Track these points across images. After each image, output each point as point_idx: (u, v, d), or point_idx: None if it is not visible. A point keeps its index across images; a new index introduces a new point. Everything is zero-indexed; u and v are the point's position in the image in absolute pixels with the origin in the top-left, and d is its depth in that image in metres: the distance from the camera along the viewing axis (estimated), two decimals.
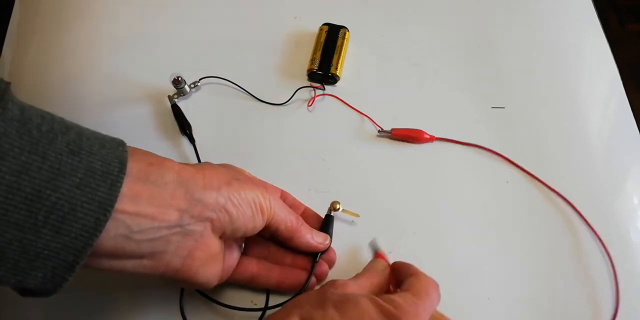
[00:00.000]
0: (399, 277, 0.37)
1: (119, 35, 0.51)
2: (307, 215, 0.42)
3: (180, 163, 0.33)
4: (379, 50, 0.52)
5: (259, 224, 0.35)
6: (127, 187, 0.28)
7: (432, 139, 0.47)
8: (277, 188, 0.41)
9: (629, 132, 0.50)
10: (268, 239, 0.40)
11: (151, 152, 0.32)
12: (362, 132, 0.48)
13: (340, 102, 0.49)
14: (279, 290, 0.40)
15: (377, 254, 0.41)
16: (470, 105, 0.49)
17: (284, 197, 0.41)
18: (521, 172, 0.46)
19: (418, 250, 0.42)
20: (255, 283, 0.39)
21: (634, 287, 0.42)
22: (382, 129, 0.47)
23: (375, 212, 0.44)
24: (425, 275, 0.36)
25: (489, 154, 0.47)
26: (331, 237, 0.40)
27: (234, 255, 0.38)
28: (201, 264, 0.33)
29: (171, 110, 0.47)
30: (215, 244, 0.33)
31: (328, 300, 0.31)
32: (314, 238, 0.39)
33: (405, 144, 0.47)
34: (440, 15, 0.54)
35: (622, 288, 0.42)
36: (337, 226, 0.43)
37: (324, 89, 0.49)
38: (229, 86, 0.49)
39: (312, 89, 0.49)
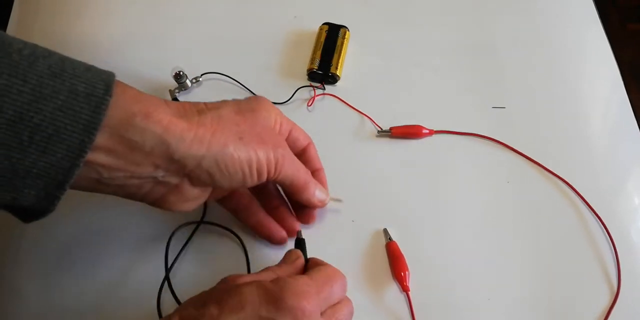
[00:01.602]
0: (309, 268, 0.36)
1: (119, 34, 0.51)
2: (307, 151, 0.41)
3: (176, 111, 0.31)
4: (379, 50, 0.52)
5: (252, 182, 0.34)
6: (103, 139, 0.28)
7: (431, 133, 0.47)
8: (288, 124, 0.39)
9: (630, 132, 0.50)
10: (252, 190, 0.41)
11: (144, 95, 0.30)
12: (362, 132, 0.47)
13: (340, 101, 0.49)
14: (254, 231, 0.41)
15: (389, 243, 0.42)
16: (471, 105, 0.49)
17: (291, 132, 0.39)
18: (522, 158, 0.46)
19: (418, 250, 0.42)
20: (236, 216, 0.41)
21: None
22: (381, 128, 0.47)
23: (376, 211, 0.44)
24: (333, 267, 0.35)
25: (489, 142, 0.47)
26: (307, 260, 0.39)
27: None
28: (174, 204, 0.33)
29: None
30: (192, 192, 0.33)
31: (211, 297, 0.31)
32: (316, 196, 0.39)
33: (405, 140, 0.47)
34: (440, 15, 0.54)
35: (623, 288, 0.42)
36: (338, 226, 0.43)
37: (324, 89, 0.49)
38: (230, 83, 0.49)
39: (312, 88, 0.49)
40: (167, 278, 0.39)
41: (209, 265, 0.41)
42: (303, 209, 0.42)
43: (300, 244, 0.39)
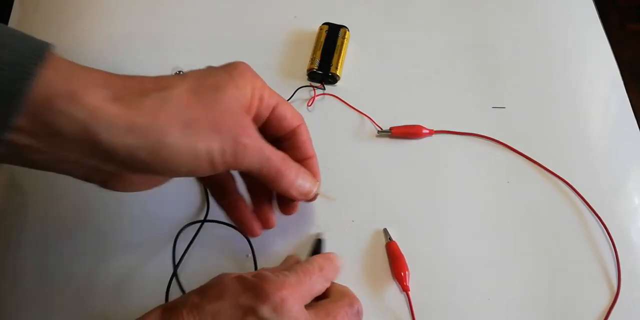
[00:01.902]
0: None
1: (119, 34, 0.51)
2: (297, 134, 0.36)
3: (113, 93, 0.27)
4: (379, 50, 0.52)
5: (204, 173, 0.30)
6: (24, 121, 0.25)
7: (431, 133, 0.47)
8: (274, 96, 0.34)
9: (630, 132, 0.50)
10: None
11: (81, 70, 0.27)
12: (362, 132, 0.47)
13: (340, 101, 0.49)
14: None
15: (389, 243, 0.42)
16: (471, 105, 0.49)
17: (297, 132, 0.35)
18: (522, 158, 0.46)
19: (418, 250, 0.42)
20: (212, 194, 0.38)
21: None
22: (381, 128, 0.47)
23: (376, 211, 0.44)
24: (317, 261, 0.35)
25: (489, 142, 0.47)
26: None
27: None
28: (125, 188, 0.32)
29: None
30: (137, 178, 0.32)
31: (195, 290, 0.31)
32: (295, 188, 0.34)
33: (405, 140, 0.47)
34: (440, 15, 0.54)
35: (623, 288, 0.42)
36: (338, 226, 0.43)
37: (324, 89, 0.49)
38: None
39: (312, 88, 0.49)
40: (174, 275, 0.39)
41: (217, 262, 0.41)
42: (284, 198, 0.38)
43: (318, 244, 0.40)
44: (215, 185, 0.38)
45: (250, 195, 0.39)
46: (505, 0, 0.55)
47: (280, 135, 0.35)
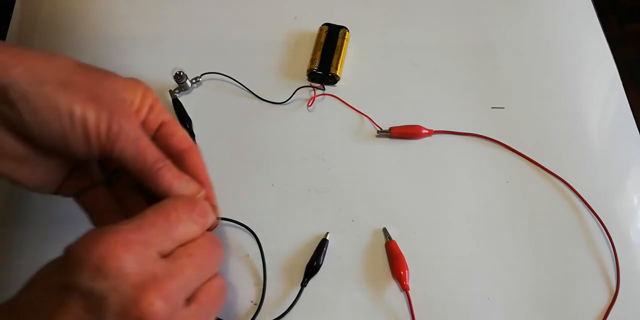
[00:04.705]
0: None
1: (119, 34, 0.51)
2: (188, 157, 0.33)
3: (6, 46, 0.27)
4: (379, 50, 0.52)
5: (78, 145, 0.28)
6: None
7: (430, 133, 0.47)
8: (161, 112, 0.32)
9: (629, 132, 0.50)
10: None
11: None
12: (361, 132, 0.48)
13: (340, 102, 0.49)
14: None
15: (388, 243, 0.42)
16: (470, 106, 0.49)
17: (163, 124, 0.33)
18: (521, 158, 0.47)
19: (418, 249, 0.43)
20: (91, 214, 0.33)
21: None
22: (381, 128, 0.47)
23: (375, 211, 0.44)
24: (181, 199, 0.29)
25: (488, 142, 0.47)
26: (323, 258, 0.39)
27: (86, 179, 0.33)
28: (10, 168, 0.29)
29: (172, 105, 0.47)
30: (13, 145, 0.28)
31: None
32: (173, 188, 0.30)
33: (405, 140, 0.47)
34: (440, 15, 0.54)
35: (621, 288, 0.42)
36: (338, 226, 0.43)
37: (324, 89, 0.49)
38: (230, 83, 0.49)
39: (312, 88, 0.49)
40: None
41: (224, 260, 0.41)
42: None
43: (322, 244, 0.41)
44: (93, 205, 0.33)
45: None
46: (505, 0, 0.55)
47: (169, 155, 0.32)
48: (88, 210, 0.33)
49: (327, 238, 0.42)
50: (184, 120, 0.46)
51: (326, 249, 0.42)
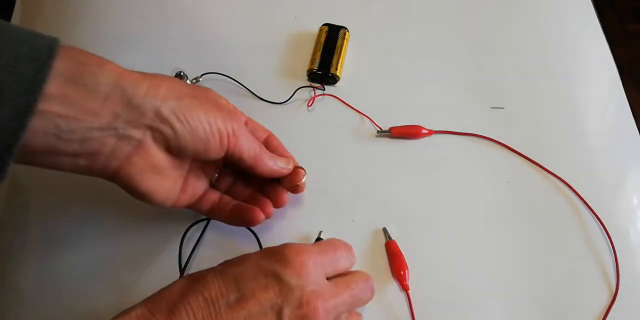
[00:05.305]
0: None
1: (119, 34, 0.51)
2: (270, 141, 0.41)
3: (127, 69, 0.31)
4: (379, 50, 0.52)
5: (215, 149, 0.34)
6: (56, 87, 0.28)
7: (430, 133, 0.47)
8: (243, 114, 0.40)
9: (629, 132, 0.50)
10: (235, 173, 0.41)
11: (92, 53, 0.30)
12: (361, 132, 0.48)
13: (340, 102, 0.49)
14: (231, 224, 0.40)
15: (388, 242, 0.42)
16: (470, 106, 0.49)
17: (247, 122, 0.41)
18: (521, 158, 0.47)
19: (418, 249, 0.43)
20: (213, 215, 0.40)
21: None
22: (381, 128, 0.47)
23: (375, 211, 0.44)
24: (337, 239, 0.36)
25: (488, 142, 0.48)
26: None
27: (200, 183, 0.39)
28: (140, 172, 0.33)
29: None
30: (158, 155, 0.33)
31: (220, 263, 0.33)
32: (277, 164, 0.39)
33: (404, 140, 0.47)
34: (440, 15, 0.54)
35: (621, 288, 0.42)
36: (338, 226, 0.43)
37: (324, 89, 0.49)
38: (230, 83, 0.49)
39: (312, 89, 0.49)
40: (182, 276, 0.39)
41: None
42: (274, 192, 0.41)
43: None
44: (215, 205, 0.40)
45: (240, 189, 0.41)
46: (505, 1, 0.55)
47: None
48: (203, 209, 0.40)
49: (322, 237, 0.42)
50: None
51: None
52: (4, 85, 0.26)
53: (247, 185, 0.41)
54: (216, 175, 0.40)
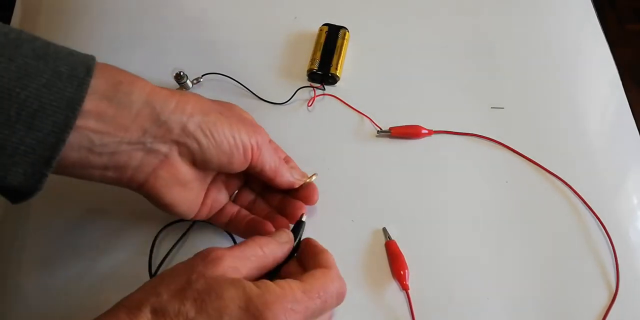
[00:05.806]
0: (304, 257, 0.35)
1: (119, 34, 0.51)
2: (287, 161, 0.43)
3: (157, 86, 0.33)
4: (379, 50, 0.52)
5: (239, 162, 0.35)
6: (92, 104, 0.29)
7: (430, 133, 0.47)
8: (265, 132, 0.41)
9: (629, 133, 0.50)
10: (254, 192, 0.42)
11: (125, 71, 0.32)
12: (361, 132, 0.48)
13: (340, 102, 0.49)
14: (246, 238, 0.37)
15: (388, 242, 0.42)
16: (470, 106, 0.49)
17: (270, 141, 0.42)
18: (521, 158, 0.47)
19: (418, 249, 0.43)
20: (230, 228, 0.41)
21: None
22: (381, 129, 0.47)
23: (375, 211, 0.44)
24: (333, 275, 0.33)
25: (487, 142, 0.48)
26: (299, 242, 0.37)
27: (221, 196, 0.40)
28: (165, 184, 0.34)
29: None
30: (183, 169, 0.34)
31: (190, 288, 0.28)
32: (293, 176, 0.40)
33: (404, 140, 0.47)
34: (440, 16, 0.54)
35: (621, 288, 0.42)
36: (338, 225, 0.43)
37: (324, 89, 0.49)
38: (230, 83, 0.49)
39: (312, 89, 0.49)
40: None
41: None
42: (303, 193, 0.42)
43: (298, 225, 0.38)
44: (233, 218, 0.41)
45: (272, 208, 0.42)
46: (505, 1, 0.55)
47: None
48: (222, 222, 0.40)
49: (304, 220, 0.39)
50: None
51: (302, 232, 0.38)
52: (46, 101, 0.28)
53: (265, 204, 0.42)
54: (236, 191, 0.42)
